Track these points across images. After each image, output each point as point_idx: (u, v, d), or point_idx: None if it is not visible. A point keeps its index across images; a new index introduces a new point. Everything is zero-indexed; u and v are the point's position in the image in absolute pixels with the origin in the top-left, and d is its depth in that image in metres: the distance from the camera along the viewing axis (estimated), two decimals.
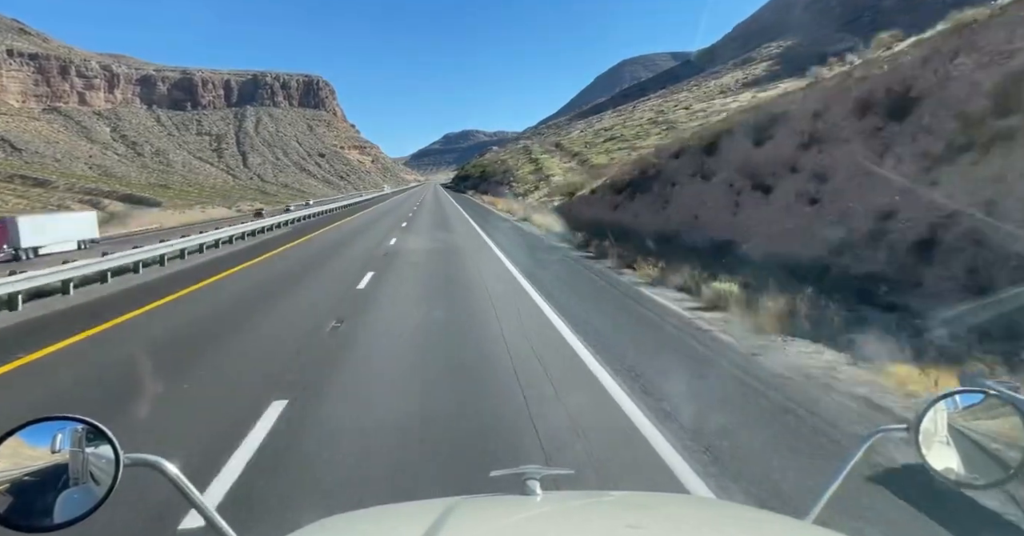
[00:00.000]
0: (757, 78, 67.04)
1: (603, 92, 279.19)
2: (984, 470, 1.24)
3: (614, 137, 46.43)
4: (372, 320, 10.03)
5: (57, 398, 6.57)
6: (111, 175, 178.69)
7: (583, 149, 45.24)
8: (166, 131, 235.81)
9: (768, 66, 70.82)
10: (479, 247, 20.66)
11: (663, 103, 68.02)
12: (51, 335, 9.51)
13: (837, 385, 5.99)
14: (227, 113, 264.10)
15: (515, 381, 6.35)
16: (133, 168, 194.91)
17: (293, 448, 4.84)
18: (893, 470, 3.95)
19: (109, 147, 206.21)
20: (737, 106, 34.27)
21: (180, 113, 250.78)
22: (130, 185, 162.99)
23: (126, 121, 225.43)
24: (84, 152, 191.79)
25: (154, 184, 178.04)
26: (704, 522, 1.33)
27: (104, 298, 13.61)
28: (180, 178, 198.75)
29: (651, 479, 4.12)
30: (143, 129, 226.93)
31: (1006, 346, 6.20)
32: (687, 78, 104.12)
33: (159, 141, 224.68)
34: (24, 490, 1.08)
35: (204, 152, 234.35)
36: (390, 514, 1.52)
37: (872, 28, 45.36)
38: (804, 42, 74.44)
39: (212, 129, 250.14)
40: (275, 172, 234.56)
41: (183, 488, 1.19)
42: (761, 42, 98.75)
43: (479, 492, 1.55)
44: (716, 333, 8.38)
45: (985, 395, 1.30)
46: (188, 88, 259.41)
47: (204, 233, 25.36)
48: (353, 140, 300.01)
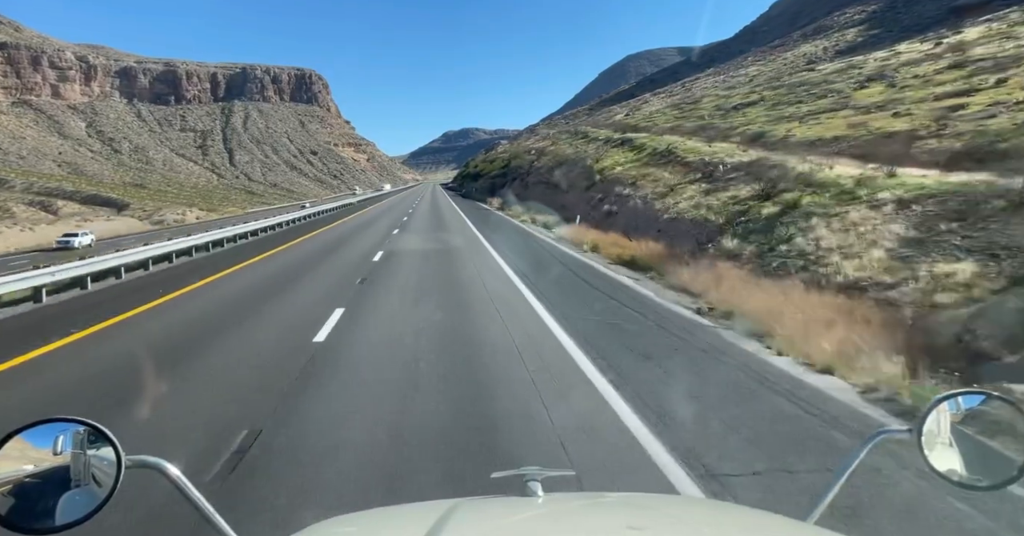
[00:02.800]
0: (851, 44, 52.93)
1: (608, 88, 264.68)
2: (987, 471, 1.23)
3: (785, 100, 27.30)
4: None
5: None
6: (82, 174, 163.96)
7: (742, 121, 25.18)
8: (147, 127, 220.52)
9: (860, 31, 57.74)
10: None
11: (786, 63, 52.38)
12: None
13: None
14: (213, 108, 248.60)
15: None
16: (108, 166, 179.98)
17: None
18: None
19: (83, 143, 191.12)
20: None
21: (163, 108, 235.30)
22: (99, 185, 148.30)
23: (103, 116, 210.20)
24: (54, 149, 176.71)
25: (129, 183, 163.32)
26: (704, 523, 1.33)
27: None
28: (159, 177, 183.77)
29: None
30: (121, 124, 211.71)
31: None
32: (721, 62, 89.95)
33: (139, 137, 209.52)
34: (26, 492, 1.08)
35: (187, 149, 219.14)
36: (391, 515, 1.53)
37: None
38: (897, 5, 61.13)
39: (197, 125, 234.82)
40: (263, 171, 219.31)
41: (184, 489, 1.19)
42: (818, 15, 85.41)
43: (480, 493, 1.56)
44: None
45: (987, 397, 1.29)
46: (172, 81, 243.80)
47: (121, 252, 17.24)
48: (348, 137, 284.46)
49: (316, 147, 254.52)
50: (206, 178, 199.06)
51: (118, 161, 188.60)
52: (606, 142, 29.28)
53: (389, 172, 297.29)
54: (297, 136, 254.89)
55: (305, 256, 20.54)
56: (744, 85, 42.62)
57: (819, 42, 58.37)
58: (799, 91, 28.04)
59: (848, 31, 59.51)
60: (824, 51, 51.95)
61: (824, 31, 67.79)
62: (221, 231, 25.74)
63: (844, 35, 58.33)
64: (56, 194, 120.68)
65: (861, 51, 45.03)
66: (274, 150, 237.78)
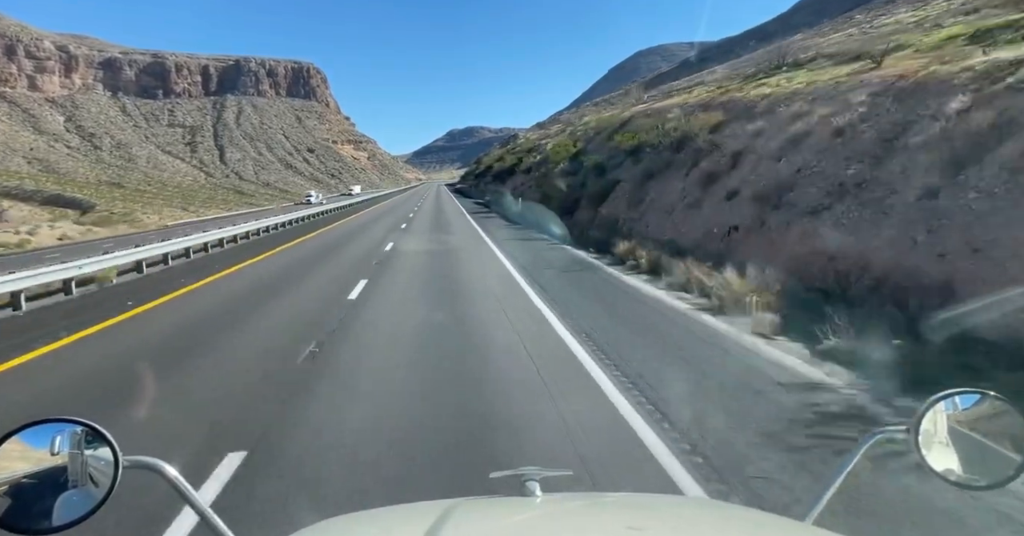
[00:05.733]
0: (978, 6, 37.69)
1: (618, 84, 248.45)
2: (985, 471, 1.23)
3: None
4: None
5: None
6: (54, 171, 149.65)
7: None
8: (132, 122, 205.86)
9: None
10: None
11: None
12: None
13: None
14: (204, 102, 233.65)
15: None
16: (85, 163, 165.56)
17: None
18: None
19: (60, 139, 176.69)
20: None
21: (150, 102, 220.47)
22: (69, 183, 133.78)
23: (84, 109, 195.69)
24: (25, 144, 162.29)
25: (105, 182, 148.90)
26: (704, 523, 1.33)
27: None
28: (141, 175, 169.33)
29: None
30: (104, 119, 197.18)
31: None
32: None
33: (122, 133, 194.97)
34: (23, 492, 1.08)
35: (175, 146, 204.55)
36: (389, 516, 1.51)
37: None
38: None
39: (186, 120, 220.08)
40: (256, 169, 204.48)
41: (182, 490, 1.19)
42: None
43: (478, 494, 1.54)
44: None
45: (983, 396, 1.29)
46: (160, 74, 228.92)
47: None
48: (347, 134, 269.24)
49: (313, 144, 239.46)
50: (193, 176, 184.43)
51: (97, 158, 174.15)
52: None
53: (391, 171, 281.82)
54: (293, 132, 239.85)
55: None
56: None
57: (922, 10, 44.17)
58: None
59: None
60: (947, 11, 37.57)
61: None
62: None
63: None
64: (13, 194, 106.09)
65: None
66: (268, 147, 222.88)
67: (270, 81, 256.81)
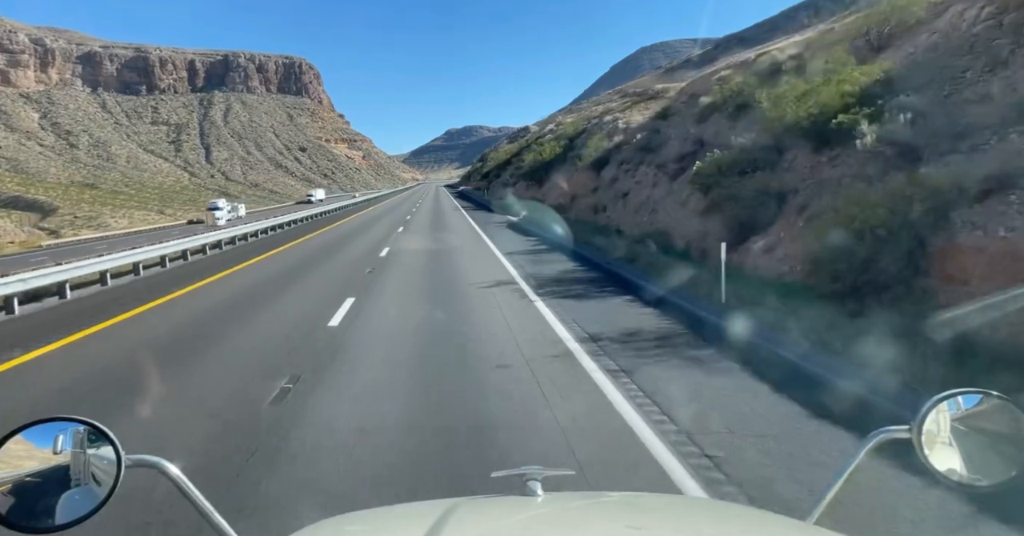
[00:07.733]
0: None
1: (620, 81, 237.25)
2: (988, 471, 1.23)
3: None
4: None
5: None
6: (21, 171, 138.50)
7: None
8: (112, 119, 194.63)
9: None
10: None
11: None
12: None
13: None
14: (191, 99, 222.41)
15: None
16: (59, 163, 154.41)
17: None
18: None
19: (33, 136, 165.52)
20: None
21: (132, 98, 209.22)
22: (33, 184, 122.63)
23: (61, 106, 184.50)
24: None
25: (77, 183, 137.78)
26: (705, 523, 1.33)
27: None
28: (119, 175, 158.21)
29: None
30: (82, 116, 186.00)
31: None
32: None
33: (101, 131, 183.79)
34: (26, 491, 1.09)
35: (158, 145, 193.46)
36: (390, 515, 1.51)
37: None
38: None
39: (171, 118, 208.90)
40: (244, 169, 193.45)
41: (184, 489, 1.19)
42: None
43: (480, 493, 1.54)
44: None
45: (986, 396, 1.28)
46: (143, 68, 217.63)
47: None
48: (341, 132, 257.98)
49: (305, 142, 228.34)
50: (176, 176, 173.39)
51: (72, 157, 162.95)
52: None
53: (387, 171, 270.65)
54: (284, 130, 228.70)
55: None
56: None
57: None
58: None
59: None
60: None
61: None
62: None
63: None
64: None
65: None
66: (257, 146, 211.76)
67: (260, 77, 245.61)
